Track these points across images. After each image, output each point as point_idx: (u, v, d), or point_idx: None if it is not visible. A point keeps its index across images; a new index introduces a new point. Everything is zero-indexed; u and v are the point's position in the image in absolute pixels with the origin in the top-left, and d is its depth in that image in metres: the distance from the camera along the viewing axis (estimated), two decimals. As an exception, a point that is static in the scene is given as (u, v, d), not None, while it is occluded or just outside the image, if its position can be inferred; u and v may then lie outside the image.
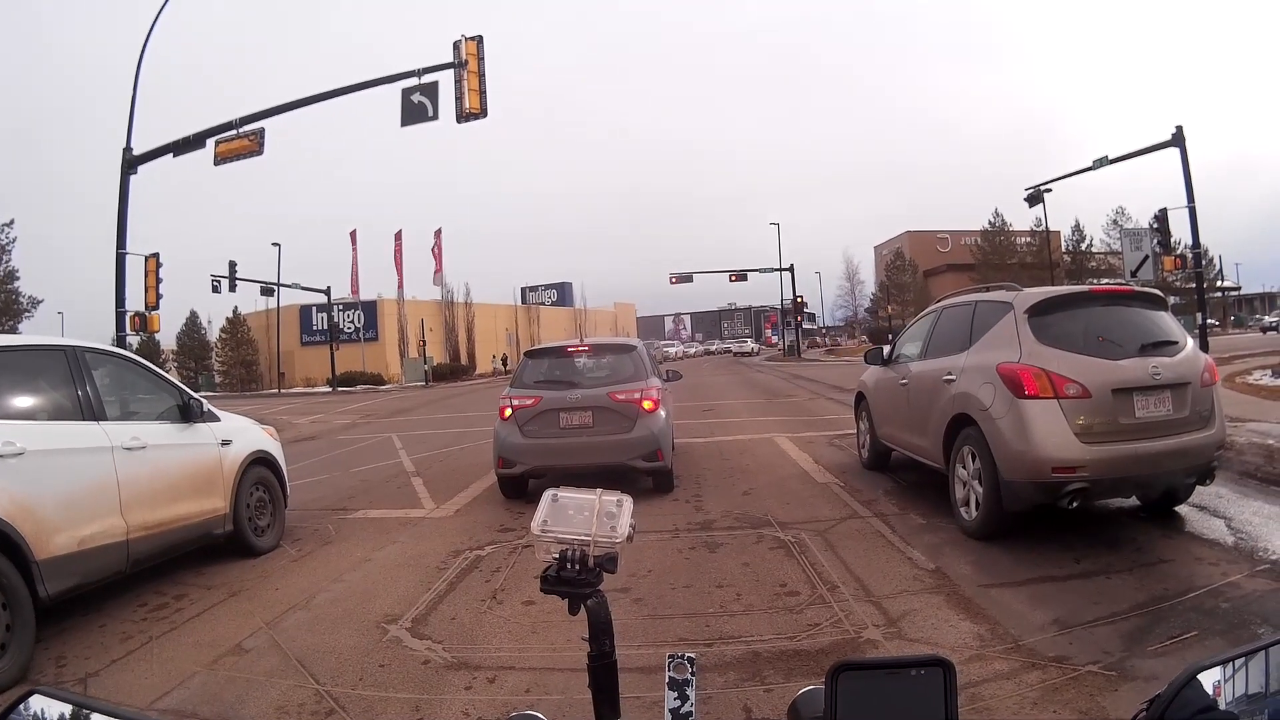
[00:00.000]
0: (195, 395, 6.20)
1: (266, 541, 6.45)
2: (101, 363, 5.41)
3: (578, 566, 1.31)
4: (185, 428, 5.87)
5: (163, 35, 19.18)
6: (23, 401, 4.69)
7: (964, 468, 5.81)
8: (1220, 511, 5.97)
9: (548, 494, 1.40)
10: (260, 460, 6.62)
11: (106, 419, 5.10)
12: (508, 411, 7.75)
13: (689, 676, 1.29)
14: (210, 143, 18.12)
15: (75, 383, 4.97)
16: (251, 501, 6.39)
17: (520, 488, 7.89)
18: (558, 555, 1.32)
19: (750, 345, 74.46)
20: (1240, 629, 3.81)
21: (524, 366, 8.41)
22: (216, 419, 6.26)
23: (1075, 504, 5.19)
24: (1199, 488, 5.84)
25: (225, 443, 6.21)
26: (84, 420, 4.92)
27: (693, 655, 1.31)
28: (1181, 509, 6.02)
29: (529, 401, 7.72)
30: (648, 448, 7.53)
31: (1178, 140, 20.76)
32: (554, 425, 7.62)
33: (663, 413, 7.79)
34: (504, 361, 51.14)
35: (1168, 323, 5.83)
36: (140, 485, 5.16)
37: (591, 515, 1.34)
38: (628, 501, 1.38)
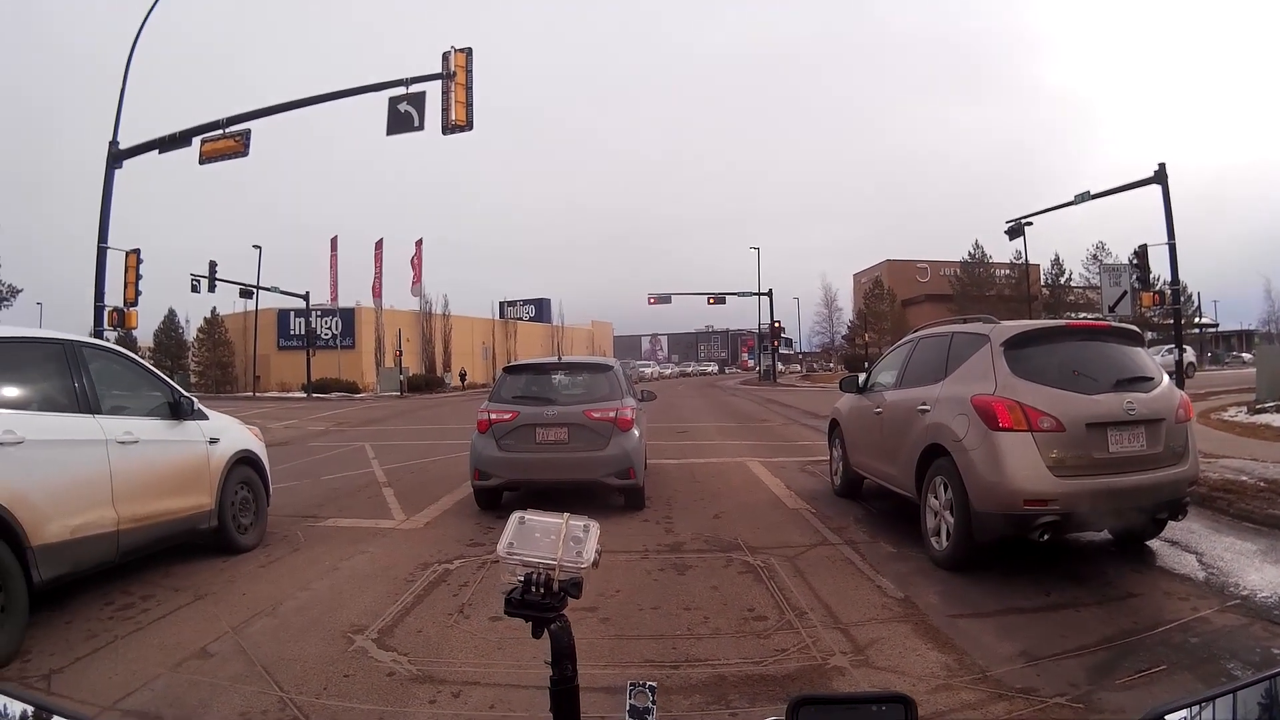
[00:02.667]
0: (186, 393, 6.26)
1: (249, 540, 6.50)
2: (97, 357, 5.48)
3: (542, 590, 1.31)
4: (175, 424, 5.95)
5: (153, 31, 19.13)
6: (22, 392, 4.76)
7: (935, 498, 5.80)
8: (1192, 546, 5.97)
9: (515, 515, 1.40)
10: (245, 460, 6.69)
11: (101, 413, 5.17)
12: (485, 425, 7.82)
13: (649, 705, 1.30)
14: (196, 141, 18.10)
15: (72, 376, 5.05)
16: (236, 500, 6.46)
17: (495, 500, 7.99)
18: (523, 578, 1.33)
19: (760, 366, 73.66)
20: (1209, 664, 3.80)
21: (502, 381, 8.48)
22: (205, 417, 6.33)
23: (1046, 536, 5.19)
24: (1171, 523, 5.85)
25: (213, 441, 6.28)
26: (80, 413, 4.99)
27: (654, 684, 1.32)
28: (1153, 543, 6.03)
29: (506, 416, 7.80)
30: (620, 465, 7.62)
31: (1160, 177, 20.69)
32: (530, 440, 7.70)
33: (636, 432, 7.88)
34: (462, 377, 50.52)
35: (1143, 359, 5.83)
36: (132, 478, 5.23)
37: (558, 539, 1.35)
38: (594, 527, 1.38)
